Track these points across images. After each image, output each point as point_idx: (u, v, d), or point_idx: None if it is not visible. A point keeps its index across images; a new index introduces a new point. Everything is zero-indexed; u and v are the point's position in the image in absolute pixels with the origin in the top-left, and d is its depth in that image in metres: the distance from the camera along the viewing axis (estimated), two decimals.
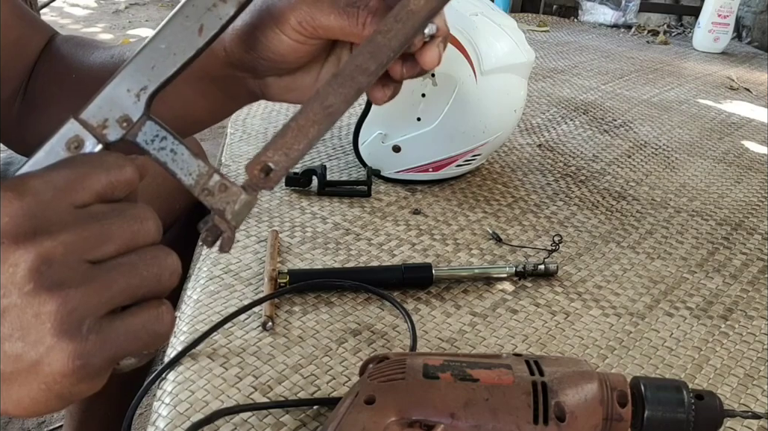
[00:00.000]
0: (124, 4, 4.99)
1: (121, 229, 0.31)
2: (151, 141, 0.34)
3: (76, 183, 0.30)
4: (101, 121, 0.33)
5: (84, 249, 0.30)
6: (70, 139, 0.33)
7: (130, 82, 0.34)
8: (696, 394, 0.47)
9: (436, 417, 0.44)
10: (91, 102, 0.33)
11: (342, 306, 0.69)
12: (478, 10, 0.90)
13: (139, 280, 0.31)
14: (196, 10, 0.35)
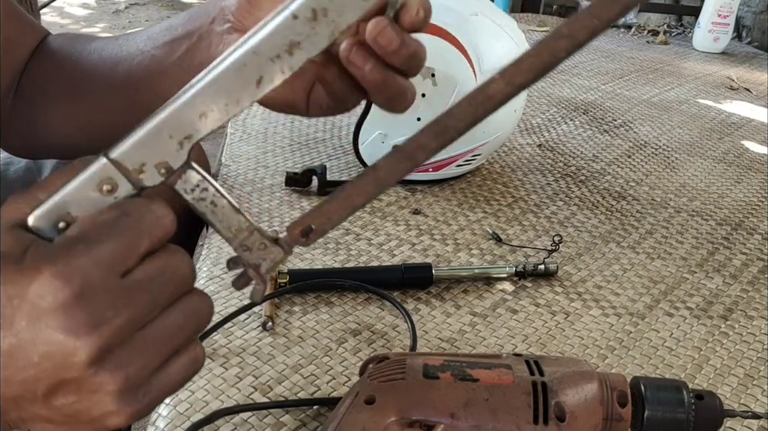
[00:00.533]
0: (124, 4, 4.99)
1: (166, 291, 0.32)
2: (191, 190, 0.33)
3: (123, 255, 0.30)
4: (138, 165, 0.31)
5: (137, 323, 0.31)
6: (102, 180, 0.31)
7: (173, 127, 0.31)
8: (696, 394, 0.47)
9: (436, 417, 0.44)
10: (126, 142, 0.31)
11: (342, 306, 0.69)
12: (478, 10, 0.90)
13: (183, 336, 0.32)
14: (257, 60, 0.31)
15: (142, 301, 0.31)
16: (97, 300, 0.29)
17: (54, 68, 0.57)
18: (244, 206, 0.87)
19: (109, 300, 0.30)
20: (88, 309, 0.29)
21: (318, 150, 1.06)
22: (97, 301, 0.29)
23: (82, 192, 0.31)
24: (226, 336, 0.64)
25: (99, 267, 0.29)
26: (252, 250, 0.34)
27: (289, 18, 0.30)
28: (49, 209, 0.31)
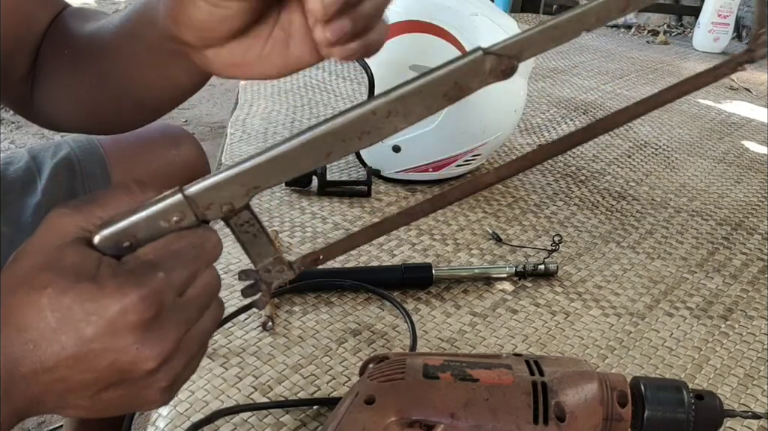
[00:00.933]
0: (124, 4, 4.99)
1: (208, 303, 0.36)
2: (240, 225, 0.37)
3: (188, 281, 0.35)
4: (207, 203, 0.36)
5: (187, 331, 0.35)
6: (173, 212, 0.35)
7: (247, 178, 0.36)
8: (696, 394, 0.47)
9: (436, 417, 0.44)
10: (203, 183, 0.35)
11: (342, 306, 0.69)
12: (478, 10, 0.90)
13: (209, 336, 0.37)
14: (332, 139, 0.36)
15: (194, 315, 0.35)
16: (166, 318, 0.33)
17: (59, 47, 0.58)
18: None
19: (174, 318, 0.34)
20: (159, 327, 0.33)
21: None
22: (166, 319, 0.33)
23: (153, 220, 0.35)
24: (226, 336, 0.64)
25: (171, 292, 0.34)
26: (271, 272, 0.39)
27: (368, 113, 0.35)
28: (119, 231, 0.34)
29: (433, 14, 0.87)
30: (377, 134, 0.36)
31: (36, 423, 1.31)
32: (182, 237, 0.35)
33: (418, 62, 0.87)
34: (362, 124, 0.36)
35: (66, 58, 0.56)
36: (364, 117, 0.35)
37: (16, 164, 0.77)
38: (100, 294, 0.32)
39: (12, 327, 0.32)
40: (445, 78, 0.36)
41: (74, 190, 0.77)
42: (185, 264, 0.34)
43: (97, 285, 0.32)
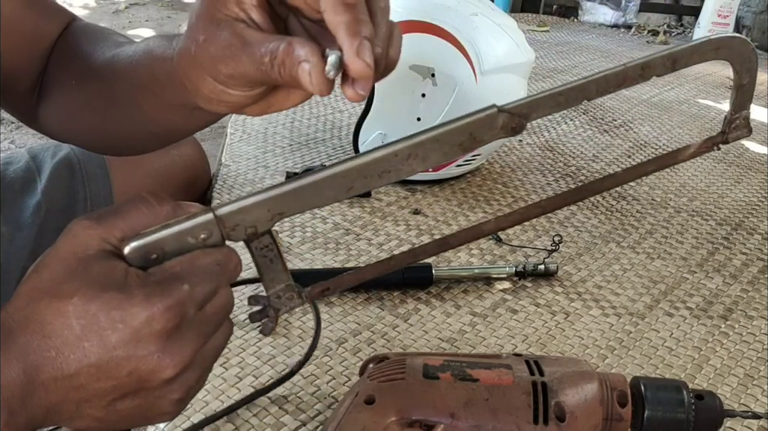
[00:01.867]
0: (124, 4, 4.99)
1: (223, 319, 0.38)
2: (260, 249, 0.40)
3: (209, 296, 0.36)
4: (233, 224, 0.38)
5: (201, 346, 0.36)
6: (202, 230, 0.37)
7: (273, 205, 0.39)
8: (696, 394, 0.47)
9: (436, 417, 0.44)
10: (233, 205, 0.38)
11: (342, 306, 0.69)
12: (478, 10, 0.90)
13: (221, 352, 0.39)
14: (355, 175, 0.39)
15: (210, 329, 0.37)
16: (186, 330, 0.35)
17: (67, 62, 0.58)
18: None
19: (194, 330, 0.35)
20: (180, 337, 0.34)
21: (318, 150, 1.06)
22: (186, 331, 0.35)
23: (182, 235, 0.36)
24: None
25: (194, 305, 0.35)
26: (281, 299, 0.41)
27: (390, 154, 0.38)
28: (149, 243, 0.36)
29: (433, 14, 0.87)
30: (396, 174, 0.39)
31: None
32: (208, 254, 0.37)
33: (418, 62, 0.87)
34: (384, 164, 0.39)
35: (76, 82, 0.56)
36: (387, 158, 0.39)
37: (16, 164, 0.77)
38: (128, 303, 0.33)
39: (35, 334, 0.33)
40: (461, 129, 0.39)
41: (74, 190, 0.77)
42: (209, 280, 0.36)
43: (125, 295, 0.33)
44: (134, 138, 0.58)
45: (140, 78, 0.50)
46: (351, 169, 0.39)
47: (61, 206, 0.75)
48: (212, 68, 0.41)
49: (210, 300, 0.36)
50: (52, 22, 0.59)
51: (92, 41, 0.58)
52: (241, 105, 0.44)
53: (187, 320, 0.35)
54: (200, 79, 0.42)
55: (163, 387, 0.35)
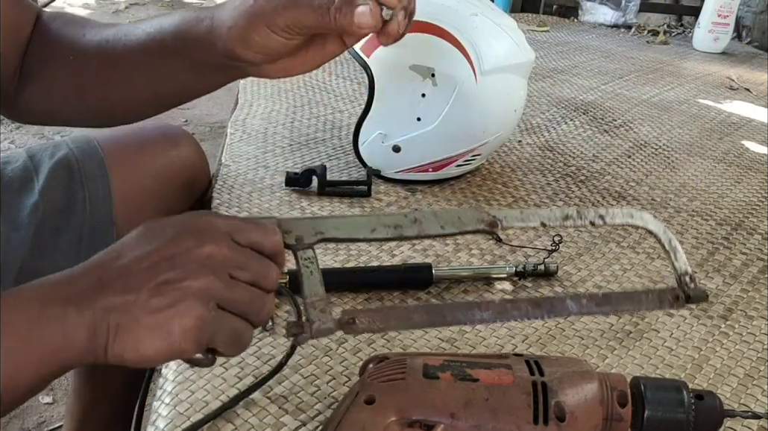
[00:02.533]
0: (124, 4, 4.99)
1: (254, 267, 0.43)
2: (304, 259, 0.48)
3: (242, 229, 0.44)
4: (287, 229, 0.47)
5: (232, 265, 0.42)
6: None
7: (316, 224, 0.48)
8: (696, 394, 0.47)
9: (436, 417, 0.44)
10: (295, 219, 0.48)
11: (342, 306, 0.69)
12: (478, 10, 0.90)
13: (249, 302, 0.43)
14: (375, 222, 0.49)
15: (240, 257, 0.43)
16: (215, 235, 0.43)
17: (53, 51, 0.63)
18: (243, 206, 0.87)
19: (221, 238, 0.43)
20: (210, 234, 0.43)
21: (318, 150, 1.06)
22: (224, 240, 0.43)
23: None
24: None
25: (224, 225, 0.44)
26: (315, 310, 0.47)
27: (402, 216, 0.48)
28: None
29: (433, 14, 0.87)
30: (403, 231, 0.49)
31: (36, 423, 1.31)
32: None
33: (418, 62, 0.87)
34: (398, 221, 0.49)
35: (73, 62, 0.61)
36: (400, 220, 0.49)
37: (14, 164, 0.77)
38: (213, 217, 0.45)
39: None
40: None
41: (72, 190, 0.76)
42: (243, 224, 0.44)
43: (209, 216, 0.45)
44: (137, 104, 0.64)
45: (161, 44, 0.58)
46: (383, 216, 0.50)
47: (59, 206, 0.75)
48: (270, 15, 0.51)
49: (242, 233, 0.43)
50: (28, 13, 0.64)
51: (74, 25, 0.64)
52: (279, 53, 0.54)
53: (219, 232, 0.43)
54: (253, 29, 0.52)
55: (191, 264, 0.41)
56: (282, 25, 0.52)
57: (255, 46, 0.53)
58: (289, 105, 1.23)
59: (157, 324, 0.40)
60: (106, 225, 0.77)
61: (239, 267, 0.42)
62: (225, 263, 0.42)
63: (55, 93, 0.64)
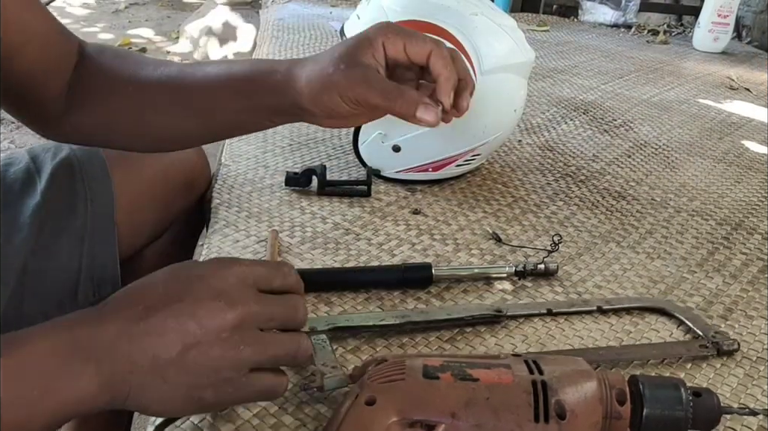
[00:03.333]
0: (124, 4, 4.99)
1: (282, 314, 0.46)
2: (317, 340, 0.57)
3: (266, 279, 0.46)
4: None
5: (261, 321, 0.44)
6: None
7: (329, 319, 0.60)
8: (693, 391, 0.47)
9: (437, 417, 0.44)
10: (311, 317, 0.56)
11: (342, 306, 0.69)
12: (478, 10, 0.90)
13: (283, 354, 0.45)
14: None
15: (269, 308, 0.45)
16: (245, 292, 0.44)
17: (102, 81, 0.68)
18: (243, 206, 0.87)
19: (250, 296, 0.44)
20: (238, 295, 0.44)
21: (318, 150, 1.06)
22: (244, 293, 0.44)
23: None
24: None
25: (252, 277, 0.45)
26: (327, 366, 0.55)
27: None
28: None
29: (433, 14, 0.87)
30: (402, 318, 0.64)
31: None
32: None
33: None
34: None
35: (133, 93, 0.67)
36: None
37: (16, 165, 0.77)
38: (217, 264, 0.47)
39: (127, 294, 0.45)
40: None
41: (74, 191, 0.77)
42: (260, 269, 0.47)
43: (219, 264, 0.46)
44: (190, 136, 0.70)
45: (230, 86, 0.64)
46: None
47: (62, 207, 0.75)
48: (344, 88, 0.58)
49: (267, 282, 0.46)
50: (72, 42, 0.69)
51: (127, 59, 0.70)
52: (341, 115, 0.60)
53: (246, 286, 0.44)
54: (326, 93, 0.58)
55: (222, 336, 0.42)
56: (352, 98, 0.58)
57: (323, 106, 0.59)
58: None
59: (188, 393, 0.41)
60: (107, 226, 0.77)
61: (269, 319, 0.44)
62: (255, 321, 0.44)
63: (110, 120, 0.68)
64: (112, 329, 0.41)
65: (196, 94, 0.65)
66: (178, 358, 0.40)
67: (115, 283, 0.78)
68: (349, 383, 0.54)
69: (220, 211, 0.86)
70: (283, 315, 0.46)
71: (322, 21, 1.93)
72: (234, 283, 0.44)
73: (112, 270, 0.77)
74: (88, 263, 0.75)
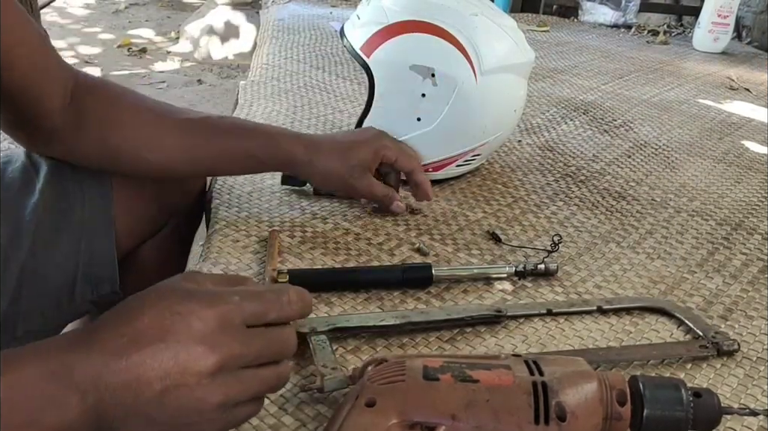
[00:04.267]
0: (124, 4, 4.99)
1: (268, 352, 0.45)
2: (318, 341, 0.58)
3: (257, 316, 0.45)
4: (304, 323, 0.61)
5: (241, 363, 0.43)
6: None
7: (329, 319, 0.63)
8: (694, 392, 0.47)
9: (438, 418, 0.44)
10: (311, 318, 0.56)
11: (342, 306, 0.69)
12: (478, 10, 0.90)
13: (266, 388, 0.46)
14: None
15: (254, 348, 0.44)
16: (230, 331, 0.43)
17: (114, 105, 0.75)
18: (243, 206, 0.87)
19: (238, 339, 0.43)
20: (223, 338, 0.42)
21: None
22: (229, 332, 0.43)
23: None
24: None
25: (239, 315, 0.43)
26: (327, 368, 0.56)
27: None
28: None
29: (433, 14, 0.87)
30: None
31: None
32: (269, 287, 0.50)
33: (418, 62, 0.87)
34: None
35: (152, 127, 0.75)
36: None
37: (14, 164, 0.77)
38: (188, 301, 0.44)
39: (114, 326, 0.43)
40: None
41: (71, 189, 0.76)
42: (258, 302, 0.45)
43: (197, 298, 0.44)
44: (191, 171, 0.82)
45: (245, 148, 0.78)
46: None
47: (59, 206, 0.75)
48: (353, 190, 0.84)
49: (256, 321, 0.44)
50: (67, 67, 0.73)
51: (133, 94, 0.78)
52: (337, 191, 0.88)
53: (229, 325, 0.42)
54: (336, 185, 0.85)
55: (202, 383, 0.41)
56: (348, 187, 0.83)
57: (323, 184, 0.86)
58: (289, 105, 1.24)
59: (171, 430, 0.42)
60: (105, 224, 0.77)
61: (253, 359, 0.44)
62: (237, 364, 0.43)
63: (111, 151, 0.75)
64: (98, 361, 0.41)
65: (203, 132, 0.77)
66: (159, 398, 0.41)
67: (113, 281, 0.78)
68: (349, 384, 0.53)
69: (220, 211, 0.85)
70: (269, 353, 0.45)
71: (322, 21, 1.93)
72: (218, 326, 0.42)
73: (110, 268, 0.77)
74: (86, 261, 0.75)
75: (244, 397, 0.43)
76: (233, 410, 0.43)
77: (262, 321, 0.45)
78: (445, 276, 0.74)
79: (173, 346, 0.41)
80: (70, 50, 3.88)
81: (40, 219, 0.73)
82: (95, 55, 3.85)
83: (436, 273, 0.73)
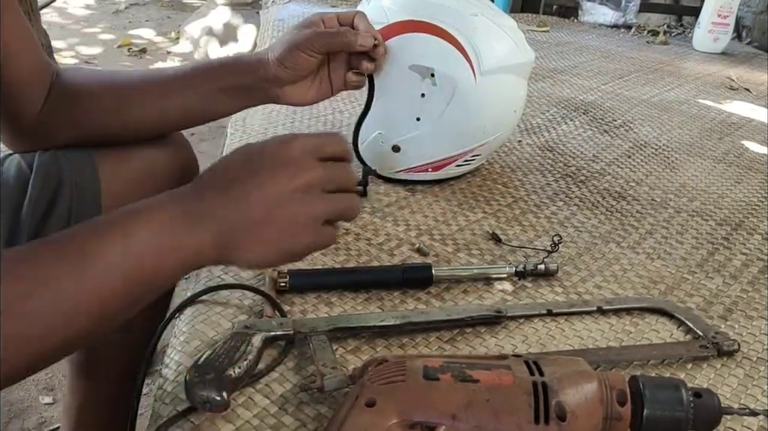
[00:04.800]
0: (124, 4, 4.99)
1: (339, 177, 0.54)
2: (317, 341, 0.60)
3: (321, 147, 0.54)
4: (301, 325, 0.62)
5: (325, 183, 0.53)
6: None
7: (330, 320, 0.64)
8: (694, 392, 0.47)
9: (438, 418, 0.44)
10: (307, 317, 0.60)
11: (342, 306, 0.69)
12: (478, 10, 0.90)
13: (343, 208, 0.54)
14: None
15: (328, 174, 0.53)
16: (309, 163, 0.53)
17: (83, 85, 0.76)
18: None
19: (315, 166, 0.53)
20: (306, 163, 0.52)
21: None
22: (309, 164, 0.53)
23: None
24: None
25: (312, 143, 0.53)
26: (327, 367, 0.56)
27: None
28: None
29: (433, 14, 0.87)
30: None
31: (36, 424, 1.31)
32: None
33: (418, 62, 0.87)
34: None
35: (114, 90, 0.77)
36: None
37: (9, 163, 0.77)
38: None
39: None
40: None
41: (61, 185, 0.76)
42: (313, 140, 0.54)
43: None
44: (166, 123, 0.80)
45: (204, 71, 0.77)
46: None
47: (47, 195, 0.75)
48: (304, 43, 0.74)
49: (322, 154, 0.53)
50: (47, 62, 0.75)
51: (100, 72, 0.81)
52: (303, 70, 0.76)
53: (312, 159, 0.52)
54: (290, 53, 0.74)
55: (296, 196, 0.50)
56: (311, 47, 0.74)
57: (289, 65, 0.74)
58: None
59: (278, 246, 0.51)
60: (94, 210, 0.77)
61: (330, 181, 0.53)
62: (320, 184, 0.52)
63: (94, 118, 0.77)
64: (209, 198, 0.50)
65: (171, 81, 0.76)
66: (265, 218, 0.50)
67: None
68: (350, 384, 0.53)
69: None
70: (340, 178, 0.54)
71: None
72: (298, 154, 0.52)
73: None
74: None
75: (329, 210, 0.52)
76: (321, 228, 0.52)
77: (324, 153, 0.53)
78: (445, 276, 0.74)
79: (267, 174, 0.50)
80: (70, 50, 3.88)
81: (33, 210, 0.73)
82: (95, 55, 3.85)
83: (436, 274, 0.73)
